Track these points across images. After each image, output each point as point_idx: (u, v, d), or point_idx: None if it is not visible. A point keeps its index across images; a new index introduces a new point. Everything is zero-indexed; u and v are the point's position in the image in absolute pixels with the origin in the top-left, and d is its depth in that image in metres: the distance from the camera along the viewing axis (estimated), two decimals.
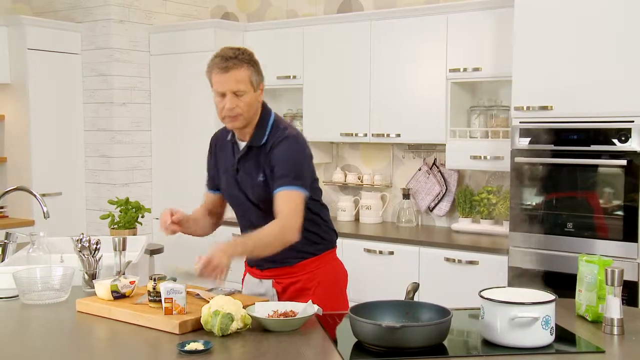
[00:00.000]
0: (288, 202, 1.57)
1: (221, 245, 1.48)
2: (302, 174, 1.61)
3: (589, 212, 2.42)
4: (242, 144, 1.69)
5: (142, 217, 2.81)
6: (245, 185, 1.67)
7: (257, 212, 1.67)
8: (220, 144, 1.77)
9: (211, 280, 1.47)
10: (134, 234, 2.67)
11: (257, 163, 1.65)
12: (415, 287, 1.48)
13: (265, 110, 1.69)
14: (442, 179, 3.17)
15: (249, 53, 1.62)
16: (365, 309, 1.37)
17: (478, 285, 1.51)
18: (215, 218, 1.83)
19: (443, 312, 1.36)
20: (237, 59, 1.58)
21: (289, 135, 1.64)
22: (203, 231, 1.80)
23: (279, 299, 1.69)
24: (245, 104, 1.60)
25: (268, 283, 1.73)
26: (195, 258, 1.46)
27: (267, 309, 1.46)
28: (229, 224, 3.53)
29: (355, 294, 1.93)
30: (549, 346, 1.31)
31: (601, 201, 2.39)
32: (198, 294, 1.60)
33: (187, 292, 1.49)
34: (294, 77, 3.35)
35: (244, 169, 1.67)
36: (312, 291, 1.69)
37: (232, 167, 1.70)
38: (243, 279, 1.83)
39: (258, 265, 1.74)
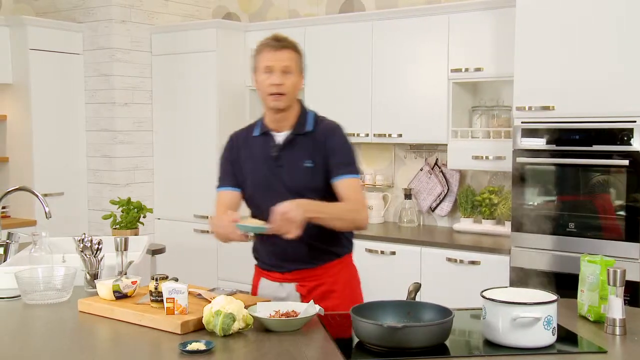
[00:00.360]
0: (354, 190, 1.64)
1: (295, 201, 1.51)
2: (357, 162, 1.70)
3: (591, 212, 2.42)
4: (279, 134, 1.68)
5: (144, 217, 2.81)
6: (287, 172, 1.65)
7: (294, 198, 1.60)
8: (243, 140, 1.74)
9: (284, 234, 1.47)
10: (136, 234, 2.68)
11: (303, 150, 1.66)
12: (417, 287, 1.48)
13: (301, 102, 1.75)
14: (443, 179, 3.16)
15: (296, 43, 1.69)
16: (367, 309, 1.37)
17: (480, 285, 1.50)
18: None
19: (445, 312, 1.36)
20: (288, 41, 1.66)
21: (339, 126, 1.72)
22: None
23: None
24: (291, 84, 1.64)
25: (290, 287, 1.69)
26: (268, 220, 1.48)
27: (269, 309, 1.46)
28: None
29: None
30: (550, 346, 1.31)
31: (603, 201, 2.39)
32: (200, 294, 1.59)
33: (189, 292, 1.49)
34: None
35: (286, 157, 1.66)
36: (338, 293, 1.69)
37: (269, 157, 1.68)
38: (256, 284, 1.77)
39: (279, 267, 1.70)
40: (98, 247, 1.78)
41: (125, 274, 1.76)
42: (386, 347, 1.27)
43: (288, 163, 1.66)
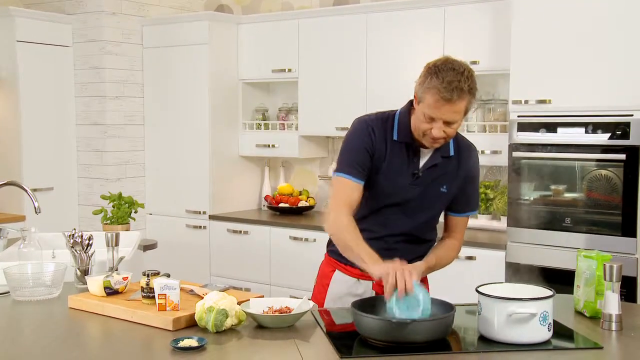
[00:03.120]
0: (465, 227, 1.67)
1: (414, 266, 1.45)
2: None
3: (587, 207, 2.42)
4: (426, 151, 1.56)
5: (135, 212, 2.78)
6: (425, 194, 1.57)
7: (416, 219, 1.59)
8: (382, 137, 1.56)
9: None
10: (127, 230, 2.65)
11: (442, 174, 1.58)
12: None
13: None
14: None
15: (474, 81, 1.45)
16: (360, 304, 1.36)
17: (475, 280, 1.50)
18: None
19: (443, 305, 1.35)
20: (463, 91, 1.41)
21: (476, 149, 1.64)
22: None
23: None
24: (453, 131, 1.49)
25: (368, 284, 1.61)
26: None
27: (262, 305, 1.45)
28: (223, 218, 3.49)
29: None
30: (546, 342, 1.30)
31: (599, 196, 2.38)
32: (192, 290, 1.58)
33: (181, 288, 1.47)
34: (289, 70, 3.32)
35: (426, 178, 1.57)
36: None
37: (410, 172, 1.55)
38: (328, 274, 1.66)
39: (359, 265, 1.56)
40: (88, 243, 1.76)
41: (117, 269, 1.73)
42: (389, 342, 1.26)
43: (426, 186, 1.57)
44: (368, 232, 1.56)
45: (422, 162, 1.57)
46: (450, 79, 1.42)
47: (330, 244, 1.71)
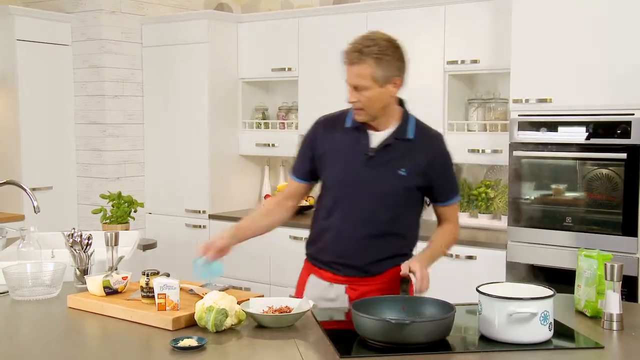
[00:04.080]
0: (456, 213, 1.70)
1: (419, 259, 1.55)
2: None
3: (588, 206, 2.41)
4: (377, 134, 1.59)
5: (135, 211, 2.78)
6: (378, 176, 1.57)
7: (376, 203, 1.57)
8: (331, 128, 1.63)
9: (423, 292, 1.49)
10: (127, 229, 2.65)
11: (400, 156, 1.58)
12: (407, 282, 1.49)
13: (403, 103, 1.65)
14: None
15: (382, 46, 1.51)
16: (362, 305, 1.35)
17: (476, 280, 1.49)
18: (289, 211, 1.70)
19: (443, 306, 1.35)
20: (361, 52, 1.50)
21: (442, 137, 1.67)
22: (261, 231, 1.70)
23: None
24: (366, 99, 1.53)
25: (340, 288, 1.61)
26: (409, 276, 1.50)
27: (262, 304, 1.45)
28: (222, 218, 3.48)
29: None
30: (547, 342, 1.30)
31: (600, 195, 2.38)
32: (192, 290, 1.57)
33: (181, 288, 1.47)
34: (289, 69, 3.31)
35: (380, 160, 1.57)
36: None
37: (362, 156, 1.58)
38: (304, 279, 1.69)
39: (331, 267, 1.62)
40: (88, 242, 1.75)
41: (116, 269, 1.73)
42: (389, 343, 1.26)
43: (381, 166, 1.57)
44: (334, 229, 1.59)
45: (374, 144, 1.59)
46: (354, 42, 1.51)
47: (307, 246, 1.72)
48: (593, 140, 2.36)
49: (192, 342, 1.26)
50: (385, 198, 1.58)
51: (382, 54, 1.51)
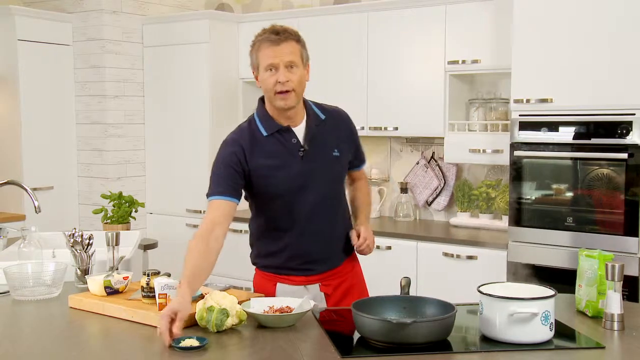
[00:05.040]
0: (366, 175, 1.84)
1: (362, 222, 1.69)
2: None
3: (589, 206, 2.41)
4: (297, 128, 1.59)
5: (136, 211, 2.78)
6: (320, 166, 1.60)
7: (327, 192, 1.61)
8: (250, 143, 1.57)
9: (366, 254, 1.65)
10: (127, 229, 2.65)
11: (327, 140, 1.62)
12: (408, 282, 1.48)
13: None
14: (440, 173, 3.14)
15: (296, 31, 1.60)
16: (364, 305, 1.35)
17: (477, 280, 1.49)
18: (221, 238, 1.55)
19: (444, 306, 1.35)
20: (288, 32, 1.56)
21: (343, 110, 1.73)
22: (208, 274, 1.48)
23: (328, 302, 1.64)
24: (297, 78, 1.54)
25: (315, 288, 1.64)
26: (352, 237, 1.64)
27: (263, 304, 1.44)
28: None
29: None
30: (548, 342, 1.30)
31: (601, 195, 2.37)
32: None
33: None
34: None
35: (315, 150, 1.59)
36: (357, 287, 1.70)
37: (296, 154, 1.57)
38: (270, 290, 1.65)
39: (304, 271, 1.63)
40: (89, 242, 1.75)
41: (117, 269, 1.73)
42: (390, 343, 1.26)
43: (319, 156, 1.60)
44: (296, 234, 1.61)
45: (301, 138, 1.59)
46: (272, 29, 1.56)
47: (256, 257, 1.70)
48: (594, 140, 2.36)
49: (193, 342, 1.26)
50: (332, 184, 1.65)
51: (301, 39, 1.59)
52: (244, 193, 1.62)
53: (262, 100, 1.63)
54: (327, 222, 1.64)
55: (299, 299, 1.46)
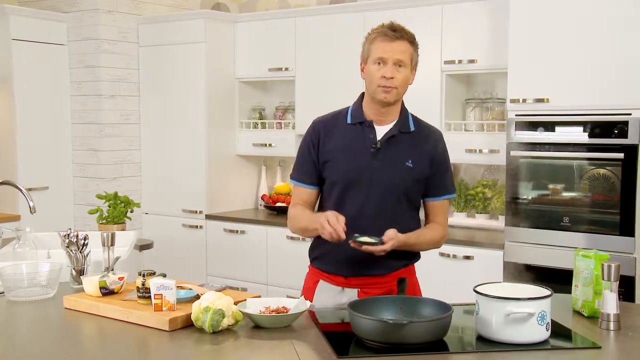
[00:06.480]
0: (446, 212, 1.70)
1: (404, 235, 1.55)
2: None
3: (585, 206, 2.41)
4: (381, 127, 1.60)
5: (131, 211, 2.77)
6: (386, 169, 1.58)
7: (385, 196, 1.58)
8: (332, 127, 1.64)
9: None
10: (123, 229, 2.64)
11: (404, 148, 1.60)
12: (405, 282, 1.48)
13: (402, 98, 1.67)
14: None
15: (413, 34, 1.61)
16: (359, 305, 1.35)
17: (473, 280, 1.49)
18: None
19: (440, 306, 1.35)
20: (405, 32, 1.58)
21: (441, 135, 1.69)
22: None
23: None
24: (402, 78, 1.56)
25: (352, 292, 1.60)
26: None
27: (259, 305, 1.44)
28: (219, 218, 3.48)
29: None
30: (544, 342, 1.30)
31: (598, 195, 2.38)
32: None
33: (177, 288, 1.46)
34: (286, 69, 3.30)
35: (387, 153, 1.59)
36: None
37: (367, 150, 1.58)
38: (312, 286, 1.65)
39: (344, 271, 1.60)
40: (84, 243, 1.75)
41: (112, 269, 1.72)
42: (386, 343, 1.25)
43: (388, 159, 1.58)
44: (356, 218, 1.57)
45: (379, 136, 1.61)
46: (389, 24, 1.59)
47: (311, 251, 1.70)
48: (590, 140, 2.36)
49: (368, 239, 1.38)
50: (394, 190, 1.59)
51: (415, 41, 1.60)
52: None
53: (362, 95, 1.67)
54: (374, 229, 1.53)
55: (296, 299, 1.45)
